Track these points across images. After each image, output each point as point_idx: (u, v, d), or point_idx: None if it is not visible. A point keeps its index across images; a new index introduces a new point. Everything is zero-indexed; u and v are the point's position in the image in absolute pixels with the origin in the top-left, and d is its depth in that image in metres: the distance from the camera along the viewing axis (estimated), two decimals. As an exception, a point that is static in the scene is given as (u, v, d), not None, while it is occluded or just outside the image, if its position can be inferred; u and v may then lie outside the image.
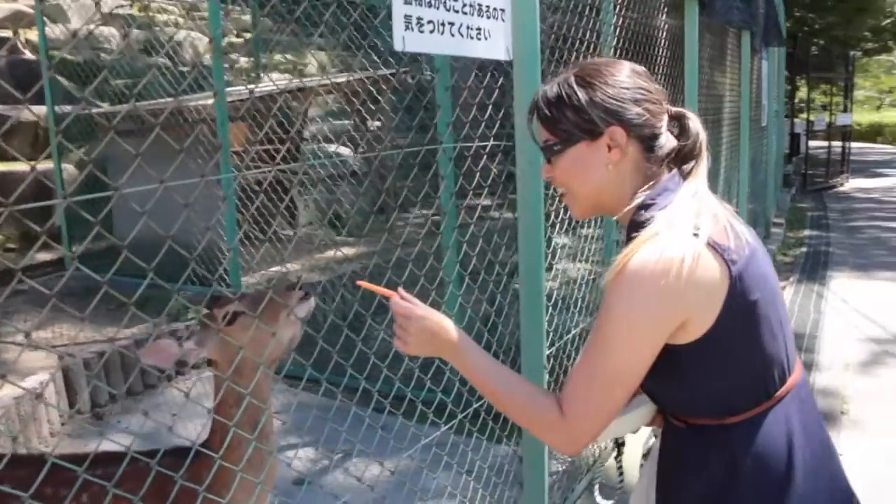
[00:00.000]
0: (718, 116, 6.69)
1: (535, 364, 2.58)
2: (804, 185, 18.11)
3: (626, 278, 1.47)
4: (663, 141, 1.63)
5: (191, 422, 4.46)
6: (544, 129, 1.67)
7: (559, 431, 1.55)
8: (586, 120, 1.60)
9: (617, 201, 1.64)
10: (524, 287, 2.55)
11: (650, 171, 1.63)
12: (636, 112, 1.60)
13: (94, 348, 4.90)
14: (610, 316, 1.50)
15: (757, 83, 9.01)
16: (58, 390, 4.50)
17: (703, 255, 1.45)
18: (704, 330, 1.48)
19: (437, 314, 1.68)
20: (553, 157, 1.67)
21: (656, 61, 4.56)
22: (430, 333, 1.65)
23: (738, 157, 7.69)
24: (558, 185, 1.72)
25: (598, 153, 1.61)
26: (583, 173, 1.64)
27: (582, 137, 1.61)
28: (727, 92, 7.06)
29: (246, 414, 1.86)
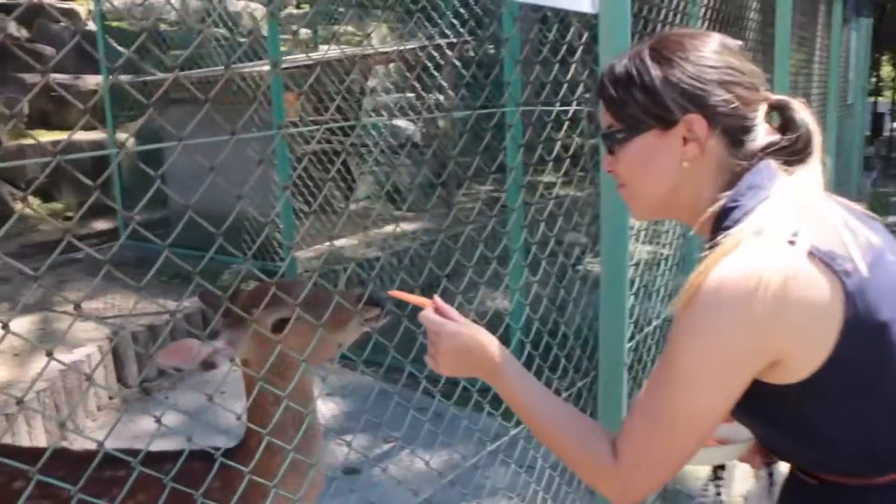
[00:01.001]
0: (807, 90, 6.25)
1: (615, 359, 2.29)
2: (886, 169, 17.25)
3: (699, 302, 1.16)
4: (757, 134, 1.29)
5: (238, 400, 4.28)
6: (608, 112, 1.36)
7: (611, 480, 1.28)
8: (658, 104, 1.29)
9: (691, 206, 1.32)
10: (606, 273, 2.26)
11: (738, 168, 1.29)
12: (723, 98, 1.27)
13: (144, 321, 4.75)
14: (679, 348, 1.20)
15: (845, 56, 8.47)
16: (105, 363, 4.36)
17: (802, 268, 1.13)
18: (816, 365, 1.16)
19: (473, 329, 1.41)
20: (615, 146, 1.36)
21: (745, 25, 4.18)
22: (465, 352, 1.40)
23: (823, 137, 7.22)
24: (620, 181, 1.41)
25: (671, 146, 1.30)
26: (648, 169, 1.33)
27: (651, 125, 1.30)
28: (816, 64, 6.60)
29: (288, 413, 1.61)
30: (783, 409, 1.24)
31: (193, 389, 4.47)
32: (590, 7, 2.16)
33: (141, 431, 3.76)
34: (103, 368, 4.35)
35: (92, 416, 4.21)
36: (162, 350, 1.56)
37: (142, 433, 3.77)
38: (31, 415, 3.69)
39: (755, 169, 1.27)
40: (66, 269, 6.10)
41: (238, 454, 1.66)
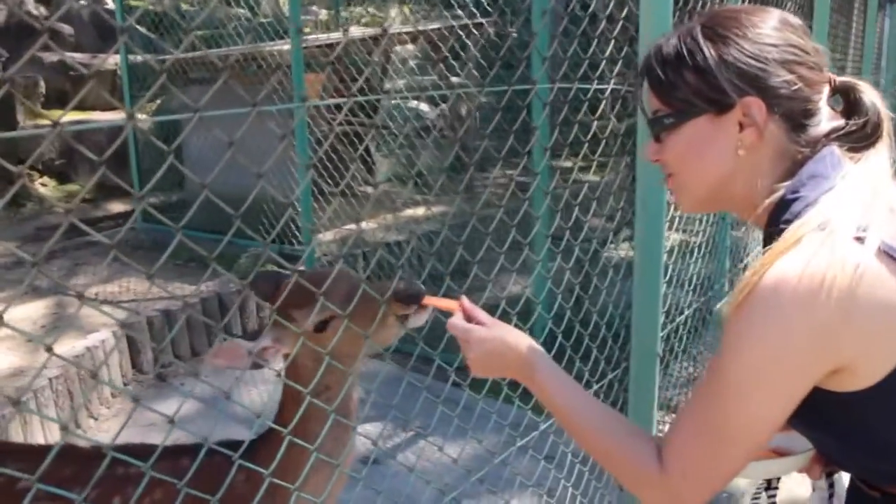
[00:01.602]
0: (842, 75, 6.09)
1: (648, 350, 2.20)
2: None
3: (755, 304, 1.05)
4: (820, 118, 1.18)
5: (255, 387, 4.21)
6: (655, 96, 1.25)
7: (656, 489, 1.18)
8: (713, 86, 1.18)
9: (746, 197, 1.22)
10: (640, 261, 2.16)
11: (800, 155, 1.18)
12: (784, 79, 1.15)
13: (159, 306, 4.67)
14: (733, 354, 1.09)
15: (879, 43, 8.26)
16: (120, 349, 4.29)
17: (871, 266, 1.02)
18: (884, 373, 1.05)
19: (500, 330, 1.34)
20: (664, 133, 1.24)
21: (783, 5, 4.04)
22: (495, 356, 1.33)
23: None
24: (665, 170, 1.30)
25: (726, 133, 1.19)
26: (700, 158, 1.22)
27: (705, 110, 1.19)
28: (851, 49, 6.43)
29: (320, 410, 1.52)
30: (844, 417, 1.14)
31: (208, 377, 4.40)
32: (630, -22, 2.04)
33: (157, 419, 3.66)
34: (118, 354, 4.28)
35: (106, 404, 4.14)
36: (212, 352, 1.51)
37: (158, 420, 3.66)
38: (45, 402, 3.63)
39: (818, 157, 1.16)
40: (81, 252, 6.05)
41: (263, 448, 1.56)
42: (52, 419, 1.46)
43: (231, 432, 3.53)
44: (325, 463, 1.55)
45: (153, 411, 1.20)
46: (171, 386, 4.38)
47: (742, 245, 3.98)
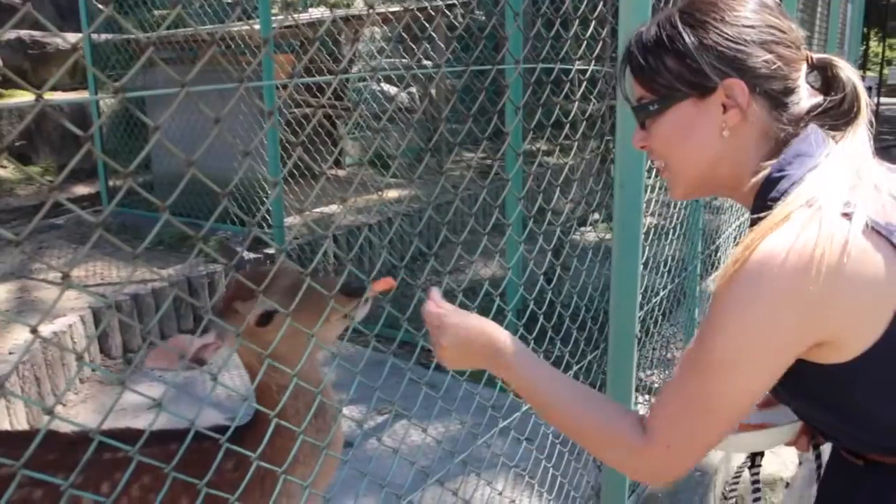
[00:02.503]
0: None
1: (626, 331, 2.21)
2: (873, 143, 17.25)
3: (743, 278, 1.07)
4: (800, 96, 1.20)
5: (227, 371, 4.17)
6: (638, 83, 1.27)
7: (641, 458, 1.20)
8: (694, 70, 1.20)
9: (735, 177, 1.24)
10: (618, 244, 2.17)
11: (783, 133, 1.20)
12: (763, 59, 1.17)
13: (128, 290, 4.60)
14: (719, 326, 1.10)
15: (842, 28, 8.38)
16: (88, 334, 4.22)
17: (858, 241, 1.04)
18: (867, 345, 1.07)
19: (474, 320, 1.34)
20: (649, 120, 1.26)
21: None
22: (466, 343, 1.33)
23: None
24: (655, 158, 1.31)
25: (710, 115, 1.21)
26: (687, 142, 1.24)
27: (687, 94, 1.21)
28: (815, 33, 6.50)
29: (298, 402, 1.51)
30: (828, 388, 1.16)
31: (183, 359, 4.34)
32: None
33: (127, 404, 3.64)
34: (86, 339, 4.21)
35: (74, 388, 4.08)
36: (152, 353, 1.49)
37: (128, 406, 3.65)
38: (10, 387, 3.55)
39: (801, 136, 1.18)
40: (44, 235, 5.93)
41: (248, 435, 1.55)
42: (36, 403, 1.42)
43: (203, 415, 3.51)
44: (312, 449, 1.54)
45: (138, 393, 1.18)
46: (140, 370, 4.32)
47: (714, 227, 4.02)
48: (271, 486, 1.47)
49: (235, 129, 5.38)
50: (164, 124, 1.10)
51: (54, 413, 0.89)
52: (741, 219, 4.49)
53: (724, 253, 4.20)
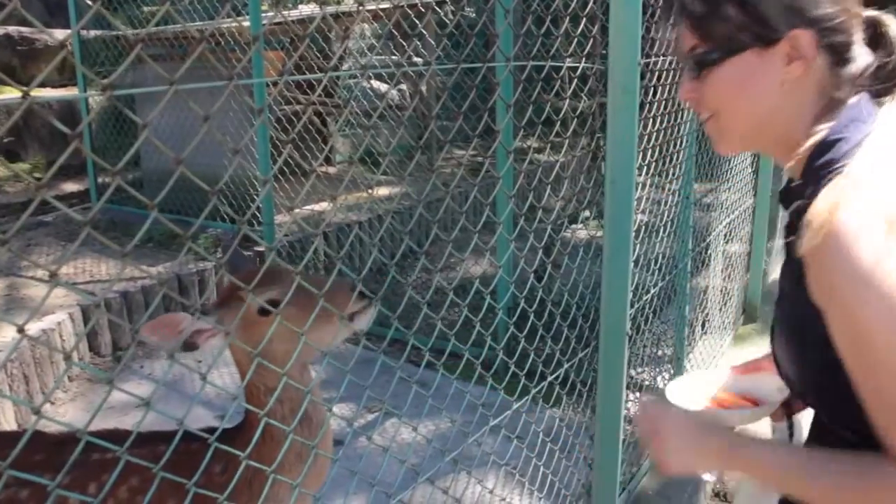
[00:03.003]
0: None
1: (617, 329, 2.20)
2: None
3: (847, 243, 0.99)
4: (857, 53, 1.16)
5: (217, 369, 4.15)
6: (693, 31, 1.20)
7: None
8: (759, 20, 1.13)
9: (786, 134, 1.19)
10: (609, 241, 2.16)
11: (837, 94, 1.16)
12: (829, 11, 1.12)
13: (117, 287, 4.58)
14: (860, 314, 1.00)
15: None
16: (77, 332, 4.19)
17: None
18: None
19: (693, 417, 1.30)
20: (706, 70, 1.20)
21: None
22: (696, 444, 1.25)
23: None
24: (704, 109, 1.25)
25: (772, 67, 1.15)
26: (745, 93, 1.18)
27: (750, 44, 1.15)
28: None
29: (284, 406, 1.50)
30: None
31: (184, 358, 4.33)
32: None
33: (116, 402, 3.62)
34: (75, 337, 4.19)
35: (63, 387, 4.05)
36: (149, 322, 1.41)
37: (117, 404, 3.63)
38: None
39: (853, 103, 1.16)
40: (33, 232, 5.90)
41: (237, 438, 1.54)
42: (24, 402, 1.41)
43: (192, 414, 3.49)
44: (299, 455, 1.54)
45: (127, 393, 1.16)
46: (129, 368, 4.30)
47: (705, 225, 4.03)
48: (259, 489, 1.46)
49: (225, 126, 5.35)
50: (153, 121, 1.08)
51: (41, 412, 0.88)
52: (731, 216, 4.50)
53: (715, 250, 4.21)
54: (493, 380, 2.02)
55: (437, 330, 1.72)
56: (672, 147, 3.13)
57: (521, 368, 2.13)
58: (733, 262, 4.70)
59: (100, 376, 4.15)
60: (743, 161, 4.56)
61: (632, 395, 3.61)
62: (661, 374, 3.86)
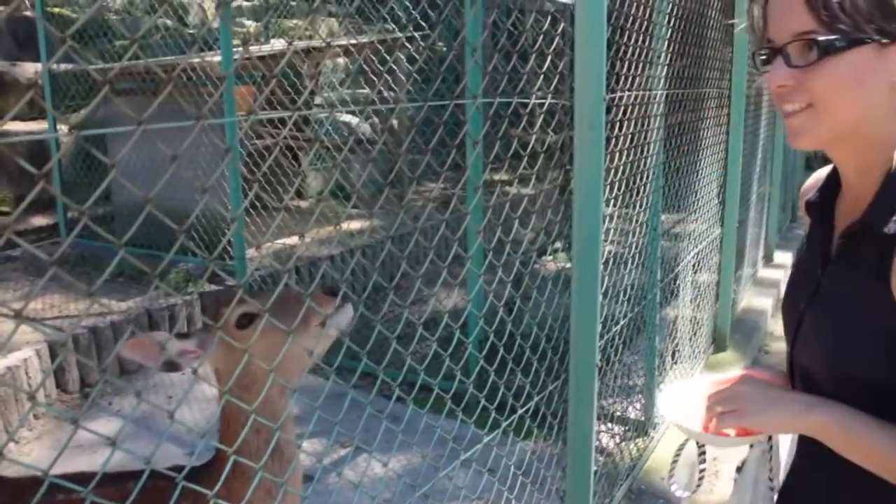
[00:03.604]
0: (760, 91, 6.29)
1: (587, 360, 2.22)
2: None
3: None
4: None
5: (188, 406, 4.11)
6: (812, 11, 1.10)
7: None
8: (889, 14, 1.08)
9: (879, 139, 1.15)
10: (578, 273, 2.18)
11: None
12: None
13: (86, 322, 4.53)
14: None
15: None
16: (44, 369, 4.14)
17: None
18: None
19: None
20: (822, 58, 1.11)
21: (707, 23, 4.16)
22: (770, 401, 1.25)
23: (773, 136, 7.30)
24: (797, 100, 1.16)
25: (888, 66, 1.10)
26: (857, 89, 1.11)
27: (873, 38, 1.09)
28: (769, 65, 6.65)
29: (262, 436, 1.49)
30: None
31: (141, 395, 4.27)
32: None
33: (84, 441, 3.57)
34: (42, 374, 4.13)
35: (29, 425, 3.99)
36: (130, 340, 1.43)
37: (85, 443, 3.58)
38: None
39: None
40: (0, 267, 5.83)
41: (206, 476, 1.52)
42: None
43: (163, 451, 3.45)
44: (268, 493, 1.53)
45: (91, 432, 1.15)
46: (98, 405, 4.25)
47: (673, 255, 4.08)
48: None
49: (197, 162, 5.35)
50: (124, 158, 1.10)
51: (2, 453, 0.87)
52: (700, 246, 4.56)
53: (684, 280, 4.25)
54: (465, 413, 2.03)
55: (406, 364, 1.73)
56: (639, 179, 3.18)
57: (491, 401, 2.14)
58: (702, 291, 4.75)
59: (63, 416, 4.09)
60: (710, 192, 4.63)
61: (604, 426, 3.62)
62: (632, 404, 3.88)
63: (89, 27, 7.53)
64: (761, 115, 6.49)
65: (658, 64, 3.29)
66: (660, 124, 3.39)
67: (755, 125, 6.18)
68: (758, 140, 6.40)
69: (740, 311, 5.89)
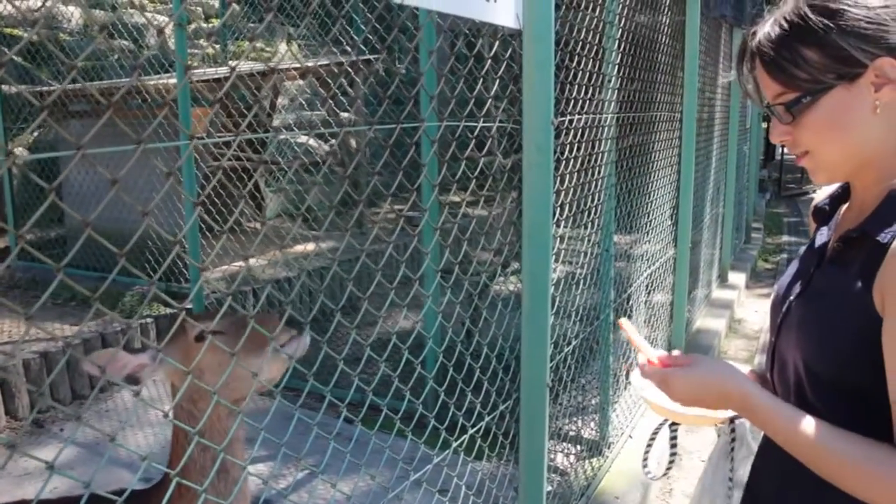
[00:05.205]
0: (711, 113, 6.42)
1: (538, 380, 2.24)
2: (778, 191, 18.05)
3: None
4: None
5: (141, 430, 4.06)
6: (774, 80, 1.26)
7: None
8: (840, 58, 1.20)
9: (881, 158, 1.25)
10: (527, 293, 2.20)
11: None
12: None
13: (37, 347, 4.46)
14: None
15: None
16: (-8, 394, 4.06)
17: None
18: None
19: (702, 374, 1.34)
20: (799, 114, 1.25)
21: (658, 48, 4.25)
22: (701, 393, 1.34)
23: (726, 159, 7.44)
24: (800, 148, 1.30)
25: (862, 97, 1.22)
26: (842, 128, 1.24)
27: (837, 82, 1.21)
28: (719, 91, 6.80)
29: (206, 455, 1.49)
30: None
31: (91, 421, 4.21)
32: (514, 22, 2.11)
33: (32, 468, 3.50)
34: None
35: (-23, 451, 3.91)
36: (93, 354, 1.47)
37: (33, 469, 3.51)
38: None
39: None
40: (-50, 291, 5.72)
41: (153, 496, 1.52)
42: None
43: (115, 476, 3.40)
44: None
45: (31, 457, 1.14)
46: (49, 432, 4.17)
47: (626, 276, 4.13)
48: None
49: (153, 184, 5.31)
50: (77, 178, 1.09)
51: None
52: (653, 266, 4.62)
53: (637, 300, 4.31)
54: (416, 433, 2.03)
55: (354, 384, 1.73)
56: (591, 201, 3.23)
57: (442, 421, 2.15)
58: (657, 311, 4.81)
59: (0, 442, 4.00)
60: (662, 213, 4.70)
61: (558, 446, 3.64)
62: (587, 424, 3.91)
63: (41, 48, 7.46)
64: (713, 137, 6.62)
65: (609, 88, 3.36)
66: (611, 147, 3.45)
67: (708, 147, 6.30)
68: (710, 162, 6.52)
69: (694, 332, 5.98)
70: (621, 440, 3.94)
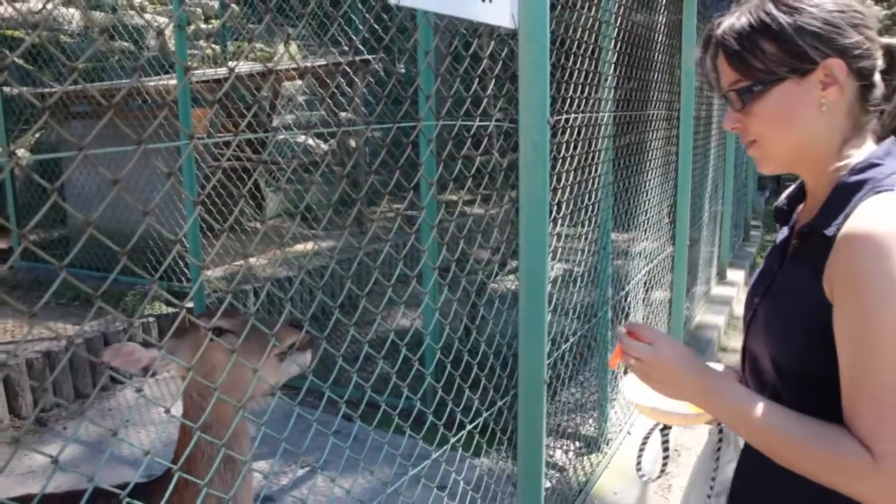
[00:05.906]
0: (709, 111, 6.44)
1: (535, 377, 2.26)
2: (778, 189, 18.05)
3: (880, 250, 1.14)
4: (878, 79, 1.32)
5: (144, 428, 4.09)
6: (733, 68, 1.34)
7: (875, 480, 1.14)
8: (795, 53, 1.28)
9: (823, 155, 1.33)
10: (524, 290, 2.22)
11: (861, 119, 1.32)
12: (855, 40, 1.28)
13: (40, 347, 4.49)
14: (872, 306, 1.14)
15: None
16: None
17: None
18: None
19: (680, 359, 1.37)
20: (750, 101, 1.32)
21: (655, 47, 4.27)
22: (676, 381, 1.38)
23: (724, 156, 7.46)
24: (749, 136, 1.38)
25: (810, 94, 1.29)
26: (788, 120, 1.31)
27: (788, 75, 1.29)
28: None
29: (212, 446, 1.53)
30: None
31: (94, 419, 4.23)
32: (510, 22, 2.14)
33: (36, 466, 3.53)
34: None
35: (-19, 450, 3.94)
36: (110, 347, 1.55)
37: (37, 467, 3.54)
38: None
39: (890, 140, 1.31)
40: (-47, 292, 5.75)
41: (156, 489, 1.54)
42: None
43: (119, 474, 3.43)
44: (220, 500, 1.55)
45: (37, 452, 1.17)
46: (52, 430, 4.20)
47: (624, 273, 4.15)
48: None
49: (153, 184, 5.34)
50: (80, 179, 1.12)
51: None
52: (651, 264, 4.65)
53: (635, 298, 4.33)
54: (415, 429, 2.06)
55: (353, 381, 1.76)
56: (588, 199, 3.25)
57: (441, 418, 2.18)
58: (655, 308, 4.84)
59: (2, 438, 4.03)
60: (660, 212, 4.72)
61: (557, 443, 3.67)
62: (585, 420, 3.93)
63: (43, 50, 7.48)
64: (711, 136, 6.64)
65: (605, 87, 3.38)
66: (608, 145, 3.48)
67: (706, 145, 6.32)
68: (709, 160, 6.54)
69: (694, 328, 6.00)
70: (619, 436, 3.96)
